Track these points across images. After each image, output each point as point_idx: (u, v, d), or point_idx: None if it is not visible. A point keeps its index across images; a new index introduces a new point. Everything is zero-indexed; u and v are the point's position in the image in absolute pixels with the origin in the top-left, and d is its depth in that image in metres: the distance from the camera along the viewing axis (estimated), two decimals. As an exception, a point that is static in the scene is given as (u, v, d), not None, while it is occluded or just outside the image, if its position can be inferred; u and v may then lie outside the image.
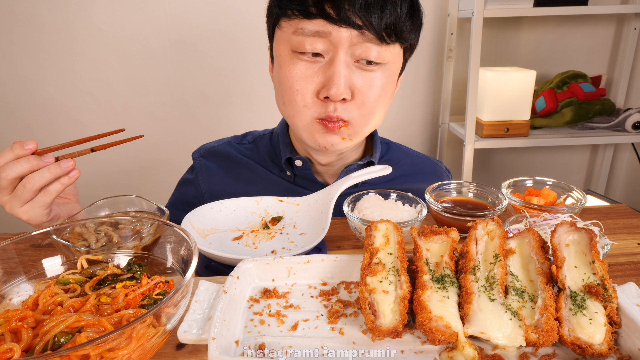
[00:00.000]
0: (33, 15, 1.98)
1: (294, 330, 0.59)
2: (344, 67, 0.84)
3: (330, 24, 0.81)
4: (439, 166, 1.21)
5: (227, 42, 2.12)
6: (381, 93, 0.90)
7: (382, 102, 0.92)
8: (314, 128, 0.91)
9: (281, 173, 1.09)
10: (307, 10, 0.82)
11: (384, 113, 0.96)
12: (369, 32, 0.82)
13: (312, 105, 0.88)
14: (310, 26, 0.82)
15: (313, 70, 0.86)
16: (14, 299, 0.62)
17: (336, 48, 0.83)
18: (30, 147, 0.76)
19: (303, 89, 0.87)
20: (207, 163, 1.14)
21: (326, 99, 0.86)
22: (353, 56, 0.85)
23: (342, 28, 0.81)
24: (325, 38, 0.83)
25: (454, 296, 0.59)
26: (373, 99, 0.89)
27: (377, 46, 0.84)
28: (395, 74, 0.93)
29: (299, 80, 0.87)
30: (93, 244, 0.73)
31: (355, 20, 0.81)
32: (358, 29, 0.81)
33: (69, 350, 0.44)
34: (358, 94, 0.87)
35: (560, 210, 0.86)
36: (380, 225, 0.69)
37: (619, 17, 2.29)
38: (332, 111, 0.87)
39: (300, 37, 0.84)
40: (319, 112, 0.89)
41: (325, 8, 0.81)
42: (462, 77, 2.28)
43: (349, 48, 0.84)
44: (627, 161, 2.55)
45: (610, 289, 0.57)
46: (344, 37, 0.82)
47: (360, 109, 0.89)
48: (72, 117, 2.16)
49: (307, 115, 0.90)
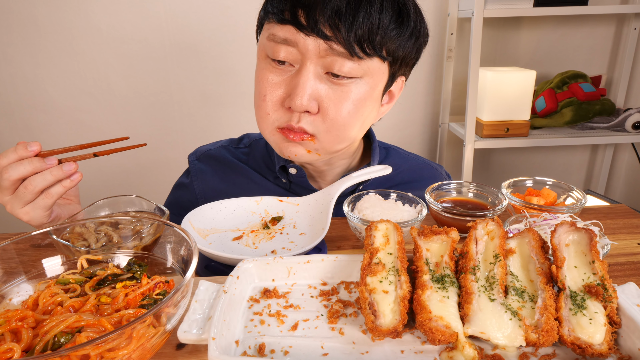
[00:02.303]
0: (33, 15, 1.98)
1: (294, 330, 0.59)
2: (311, 79, 0.80)
3: (298, 32, 0.78)
4: (439, 171, 1.19)
5: (227, 42, 2.12)
6: (354, 109, 0.84)
7: (355, 118, 0.86)
8: (276, 137, 0.89)
9: (276, 180, 1.08)
10: (281, 16, 0.79)
11: (361, 129, 0.91)
12: (337, 45, 0.77)
13: (275, 113, 0.86)
14: (280, 32, 0.80)
15: (281, 77, 0.84)
16: (14, 299, 0.62)
17: (304, 58, 0.80)
18: (34, 149, 0.76)
19: (269, 95, 0.85)
20: (202, 167, 1.13)
21: (289, 108, 0.84)
22: (323, 67, 0.80)
23: (308, 37, 0.77)
24: (294, 47, 0.79)
25: (454, 296, 0.59)
26: (343, 114, 0.84)
27: (348, 60, 0.79)
28: (374, 90, 0.86)
29: (268, 86, 0.85)
30: (93, 244, 0.73)
31: (324, 29, 0.76)
32: (325, 40, 0.77)
33: (69, 350, 0.44)
34: (325, 107, 0.83)
35: (560, 210, 0.86)
36: (380, 225, 0.69)
37: (619, 17, 2.29)
38: (295, 122, 0.84)
39: (272, 43, 0.82)
40: (281, 120, 0.86)
41: (298, 14, 0.77)
42: (462, 77, 2.28)
43: (318, 59, 0.79)
44: (627, 161, 2.55)
45: (610, 289, 0.57)
46: (310, 47, 0.78)
47: (327, 123, 0.84)
48: (72, 117, 2.17)
49: (269, 122, 0.88)
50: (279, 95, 0.85)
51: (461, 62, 2.27)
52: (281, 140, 0.89)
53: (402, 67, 0.90)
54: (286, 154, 0.91)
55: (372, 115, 0.93)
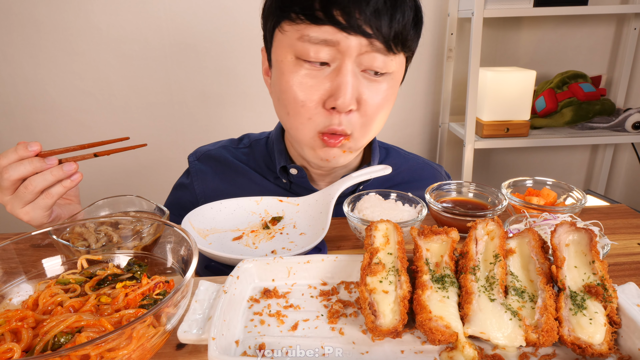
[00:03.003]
0: (33, 15, 1.98)
1: (294, 330, 0.59)
2: (352, 77, 0.81)
3: (340, 32, 0.77)
4: (439, 171, 1.19)
5: (227, 42, 2.12)
6: (384, 103, 0.88)
7: (384, 113, 0.90)
8: (315, 143, 0.89)
9: (276, 180, 1.08)
10: (313, 15, 0.77)
11: (383, 123, 0.94)
12: (377, 41, 0.79)
13: (316, 117, 0.85)
14: (317, 33, 0.78)
15: (318, 79, 0.82)
16: (14, 299, 0.62)
17: (343, 57, 0.80)
18: (34, 149, 0.76)
19: (308, 99, 0.83)
20: (202, 167, 1.13)
21: (332, 109, 0.83)
22: (360, 65, 0.82)
23: (351, 36, 0.77)
24: (333, 47, 0.79)
25: (454, 296, 0.59)
26: (376, 109, 0.87)
27: (384, 56, 0.81)
28: (398, 83, 0.91)
29: (304, 89, 0.83)
30: (93, 244, 0.73)
31: (366, 28, 0.77)
32: (367, 38, 0.78)
33: (69, 350, 0.44)
34: (363, 104, 0.84)
35: (560, 210, 0.86)
36: (380, 225, 0.69)
37: (619, 17, 2.29)
38: (337, 124, 0.84)
39: (307, 44, 0.79)
40: (323, 123, 0.86)
41: (334, 14, 0.76)
42: (462, 77, 2.28)
43: (356, 57, 0.80)
44: (627, 161, 2.55)
45: (610, 289, 0.57)
46: (352, 46, 0.78)
47: (363, 119, 0.86)
48: (72, 117, 2.16)
49: (310, 128, 0.86)
50: (319, 97, 0.83)
51: (461, 62, 2.27)
52: (320, 146, 0.89)
53: (410, 62, 0.94)
54: (324, 157, 0.91)
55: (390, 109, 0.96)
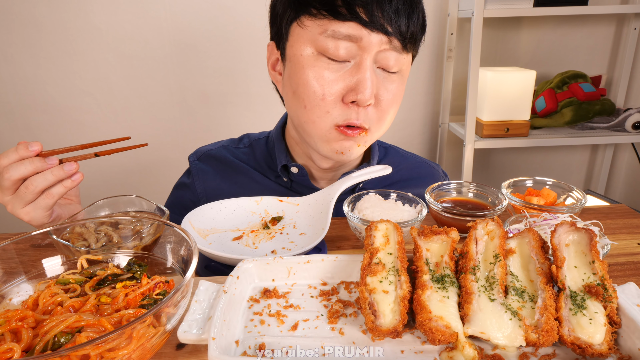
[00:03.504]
0: (33, 15, 1.98)
1: (294, 330, 0.59)
2: (372, 72, 0.83)
3: (363, 28, 0.79)
4: (436, 170, 1.21)
5: (227, 42, 2.12)
6: (396, 100, 0.91)
7: (395, 109, 0.93)
8: (332, 134, 0.89)
9: (277, 179, 1.08)
10: (336, 11, 0.79)
11: (393, 119, 0.96)
12: (396, 40, 0.82)
13: (335, 110, 0.86)
14: (342, 29, 0.80)
15: (339, 73, 0.84)
16: (14, 299, 0.62)
17: (364, 53, 0.82)
18: (35, 149, 0.76)
19: (327, 92, 0.84)
20: (203, 167, 1.13)
21: (352, 103, 0.85)
22: (376, 62, 0.85)
23: (373, 33, 0.80)
24: (355, 42, 0.81)
25: (454, 296, 0.59)
26: (389, 105, 0.90)
27: (398, 54, 0.85)
28: (406, 80, 0.94)
29: (324, 83, 0.83)
30: (93, 244, 0.73)
31: (387, 26, 0.80)
32: (388, 36, 0.81)
33: (69, 350, 0.44)
34: (380, 99, 0.88)
35: (560, 210, 0.86)
36: (380, 225, 0.69)
37: (619, 17, 2.29)
38: (355, 118, 0.86)
39: (329, 39, 0.81)
40: (341, 117, 0.86)
41: (357, 11, 0.78)
42: (462, 77, 2.28)
43: (375, 54, 0.83)
44: (627, 161, 2.55)
45: (610, 289, 0.57)
46: (374, 43, 0.81)
47: (379, 114, 0.89)
48: (72, 117, 2.16)
49: (328, 121, 0.87)
50: (338, 91, 0.85)
51: (461, 62, 2.27)
52: (336, 138, 0.90)
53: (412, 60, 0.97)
54: (339, 150, 0.91)
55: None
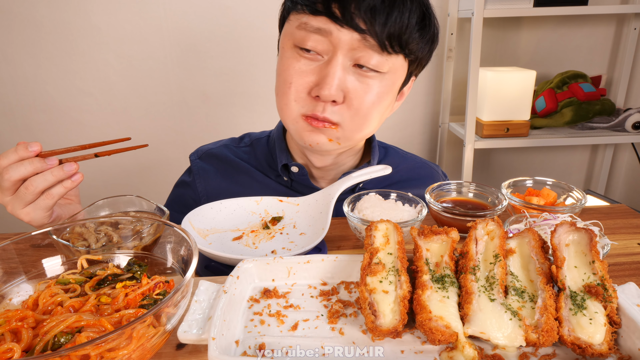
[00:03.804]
0: (33, 15, 1.98)
1: (294, 330, 0.59)
2: (340, 69, 0.83)
3: (333, 23, 0.81)
4: (436, 170, 1.21)
5: (227, 42, 2.12)
6: (376, 101, 0.88)
7: (376, 111, 0.90)
8: (299, 124, 0.91)
9: (278, 178, 1.09)
10: (313, 7, 0.81)
11: (378, 122, 0.95)
12: (371, 38, 0.81)
13: (301, 101, 0.88)
14: (313, 22, 0.82)
15: (310, 67, 0.86)
16: (14, 299, 0.62)
17: (335, 49, 0.83)
18: (35, 149, 0.76)
19: (296, 83, 0.87)
20: (204, 165, 1.14)
21: (317, 97, 0.86)
22: (352, 59, 0.84)
23: (343, 29, 0.80)
24: (326, 37, 0.82)
25: (454, 296, 0.59)
26: (367, 105, 0.88)
27: (378, 54, 0.83)
28: (394, 85, 0.91)
29: (295, 74, 0.86)
30: (93, 244, 0.73)
31: (359, 23, 0.80)
32: (360, 33, 0.80)
33: (69, 350, 0.44)
34: (351, 98, 0.86)
35: (560, 210, 0.86)
36: (380, 225, 0.69)
37: (619, 17, 2.29)
38: (320, 111, 0.87)
39: (303, 32, 0.84)
40: (307, 108, 0.88)
41: (332, 7, 0.80)
42: (462, 77, 2.28)
43: (348, 51, 0.83)
44: (627, 161, 2.55)
45: (610, 289, 0.57)
46: (344, 39, 0.81)
47: (352, 113, 0.88)
48: (72, 117, 2.16)
49: (294, 109, 0.89)
50: (307, 83, 0.87)
51: (461, 62, 2.27)
52: (304, 128, 0.91)
53: (418, 67, 0.95)
54: (307, 142, 0.92)
55: (388, 110, 0.97)
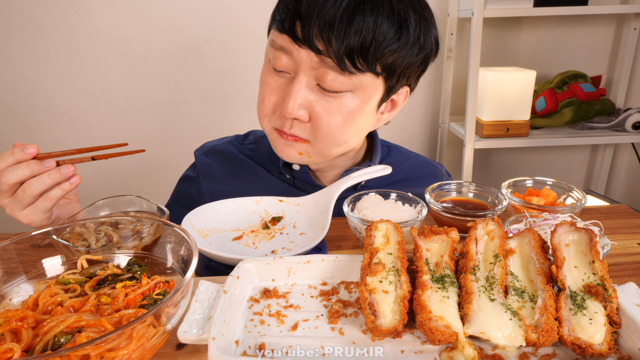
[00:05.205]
0: (33, 15, 1.97)
1: (294, 330, 0.59)
2: (303, 88, 0.81)
3: (292, 43, 0.78)
4: (439, 170, 1.20)
5: (227, 42, 2.12)
6: (343, 121, 0.84)
7: (344, 130, 0.86)
8: (272, 136, 0.92)
9: (281, 175, 1.09)
10: (280, 24, 0.80)
11: (356, 137, 0.92)
12: (328, 58, 0.76)
13: (271, 116, 0.89)
14: (279, 40, 0.81)
15: (278, 84, 0.86)
16: (14, 299, 0.62)
17: (298, 68, 0.81)
18: (31, 152, 0.75)
19: (268, 99, 0.87)
20: (208, 161, 1.15)
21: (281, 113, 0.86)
22: (316, 78, 0.81)
23: (302, 49, 0.78)
24: (289, 56, 0.81)
25: (454, 296, 0.59)
26: (332, 125, 0.84)
27: (338, 74, 0.78)
28: (367, 102, 0.85)
29: (267, 90, 0.87)
30: (93, 244, 0.73)
31: (317, 44, 0.76)
32: (317, 53, 0.77)
33: (69, 350, 0.44)
34: (315, 117, 0.84)
35: (560, 210, 0.86)
36: (380, 225, 0.69)
37: (619, 17, 2.29)
38: (287, 128, 0.87)
39: (272, 49, 0.83)
40: (277, 123, 0.89)
41: (295, 25, 0.77)
42: (462, 77, 2.28)
43: (310, 70, 0.80)
44: (627, 161, 2.55)
45: (610, 289, 0.57)
46: (303, 59, 0.79)
47: (318, 132, 0.85)
48: (72, 117, 2.16)
49: (267, 122, 0.91)
50: (275, 100, 0.87)
51: (461, 62, 2.27)
52: (276, 139, 0.92)
53: (401, 79, 0.87)
54: (280, 154, 0.94)
55: (369, 124, 0.93)
